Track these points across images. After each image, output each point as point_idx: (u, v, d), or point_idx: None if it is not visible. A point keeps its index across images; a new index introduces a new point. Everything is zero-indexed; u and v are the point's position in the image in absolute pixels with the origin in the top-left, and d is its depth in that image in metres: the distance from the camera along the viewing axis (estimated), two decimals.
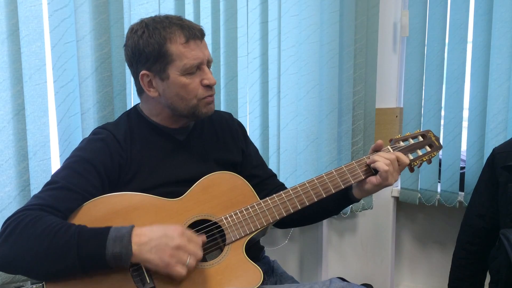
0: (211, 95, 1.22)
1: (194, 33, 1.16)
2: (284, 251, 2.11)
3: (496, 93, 1.92)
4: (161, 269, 1.01)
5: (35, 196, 1.07)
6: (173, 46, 1.15)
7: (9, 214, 1.27)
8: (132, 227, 1.01)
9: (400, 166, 1.23)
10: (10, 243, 0.97)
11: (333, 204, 1.32)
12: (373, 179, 1.23)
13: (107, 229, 1.00)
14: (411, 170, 1.32)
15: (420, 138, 1.35)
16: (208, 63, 1.21)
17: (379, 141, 1.28)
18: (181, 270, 1.00)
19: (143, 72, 1.18)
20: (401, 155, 1.24)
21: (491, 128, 1.94)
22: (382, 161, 1.21)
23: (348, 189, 1.29)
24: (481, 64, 1.97)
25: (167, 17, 1.19)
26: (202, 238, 1.07)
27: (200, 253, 1.04)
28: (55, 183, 1.07)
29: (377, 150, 1.29)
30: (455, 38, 2.00)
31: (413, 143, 1.32)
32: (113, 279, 1.03)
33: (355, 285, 1.06)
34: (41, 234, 0.97)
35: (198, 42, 1.17)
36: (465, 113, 2.05)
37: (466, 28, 1.98)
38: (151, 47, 1.15)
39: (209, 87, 1.20)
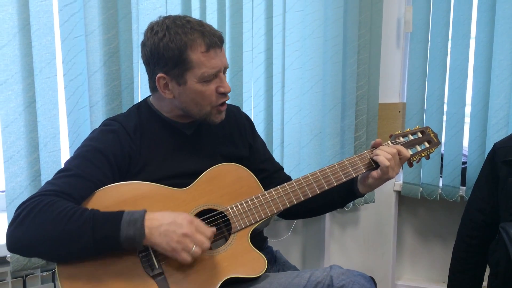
0: (224, 103, 1.24)
1: (214, 41, 1.17)
2: (287, 243, 2.13)
3: (498, 89, 1.94)
4: (167, 253, 1.05)
5: (48, 182, 1.10)
6: (194, 54, 1.15)
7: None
8: (145, 211, 1.05)
9: (401, 159, 1.26)
10: (26, 226, 1.01)
11: (338, 197, 1.36)
12: (374, 173, 1.26)
13: (120, 213, 1.04)
14: (410, 165, 1.34)
15: (419, 134, 1.37)
16: (225, 70, 1.23)
17: (378, 139, 1.30)
18: (185, 256, 1.04)
19: (160, 75, 1.19)
20: (402, 149, 1.26)
21: (493, 124, 1.96)
22: (383, 155, 1.23)
23: (353, 183, 1.32)
24: (483, 60, 1.99)
25: (188, 21, 1.18)
26: (212, 230, 1.09)
27: (206, 244, 1.06)
28: (68, 171, 1.10)
29: (376, 147, 1.31)
30: (458, 34, 2.01)
31: (412, 139, 1.35)
32: (123, 264, 1.07)
33: (354, 271, 1.09)
34: (57, 217, 1.00)
35: (218, 50, 1.18)
36: (467, 109, 2.06)
37: (469, 24, 2.00)
38: (171, 52, 1.15)
39: (224, 94, 1.22)
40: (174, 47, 1.15)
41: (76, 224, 1.00)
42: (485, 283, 1.80)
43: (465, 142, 2.09)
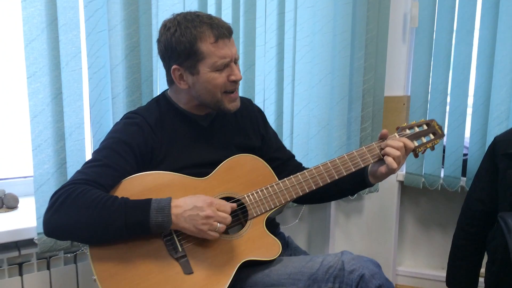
0: (235, 90, 1.31)
1: (222, 32, 1.24)
2: (294, 229, 2.21)
3: (500, 84, 2.00)
4: (195, 235, 1.14)
5: (79, 171, 1.18)
6: (204, 45, 1.23)
7: (48, 189, 1.41)
8: (170, 199, 1.13)
9: (406, 151, 1.33)
10: (62, 213, 1.09)
11: (350, 187, 1.44)
12: (382, 169, 1.33)
13: (149, 201, 1.12)
14: (416, 155, 1.41)
15: (425, 127, 1.44)
16: (235, 60, 1.29)
17: (384, 130, 1.37)
18: (213, 234, 1.14)
19: (174, 66, 1.27)
20: (407, 141, 1.33)
21: (494, 117, 2.02)
22: (392, 155, 1.30)
23: (365, 175, 1.39)
24: (486, 56, 2.04)
25: (198, 16, 1.25)
26: (232, 205, 1.18)
27: (229, 219, 1.15)
28: (97, 161, 1.18)
29: (382, 137, 1.38)
30: (462, 30, 2.07)
31: (418, 131, 1.42)
32: (149, 247, 1.15)
33: (364, 257, 1.17)
34: (91, 204, 1.08)
35: (226, 40, 1.25)
36: (470, 102, 2.12)
37: (473, 21, 2.05)
38: (182, 45, 1.23)
39: (235, 82, 1.29)
40: (185, 40, 1.23)
41: (109, 211, 1.09)
42: (482, 270, 1.86)
43: (467, 134, 2.15)
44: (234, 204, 1.20)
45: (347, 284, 1.11)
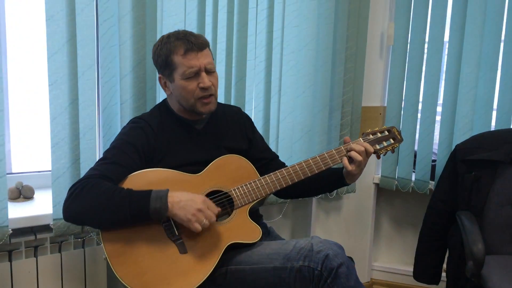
0: (207, 96, 1.49)
1: (192, 46, 1.44)
2: (278, 225, 2.39)
3: (465, 98, 2.21)
4: (184, 223, 1.33)
5: (92, 168, 1.39)
6: (176, 57, 1.46)
7: (64, 181, 1.62)
8: (168, 190, 1.34)
9: (367, 154, 1.54)
10: (79, 202, 1.30)
11: (328, 185, 1.65)
12: (349, 167, 1.54)
13: (149, 191, 1.33)
14: (378, 157, 1.61)
15: (386, 133, 1.63)
16: (207, 69, 1.47)
17: (345, 137, 1.58)
18: (197, 226, 1.32)
19: (159, 75, 1.53)
20: (368, 146, 1.54)
21: (460, 128, 2.23)
22: (354, 157, 1.51)
23: (342, 175, 1.59)
24: (453, 73, 2.25)
25: (178, 33, 1.48)
26: (218, 209, 1.39)
27: (214, 218, 1.36)
28: (108, 159, 1.40)
29: (345, 142, 1.57)
30: (432, 49, 2.27)
31: (380, 136, 1.61)
32: (151, 231, 1.37)
33: (330, 241, 1.38)
34: (102, 194, 1.30)
35: (194, 53, 1.44)
36: (438, 114, 2.32)
37: (442, 40, 2.26)
38: (161, 58, 1.48)
39: (205, 89, 1.48)
40: (162, 54, 1.48)
41: (117, 199, 1.30)
42: (445, 265, 2.05)
43: (435, 142, 2.34)
44: (219, 209, 1.40)
45: (315, 262, 1.31)
